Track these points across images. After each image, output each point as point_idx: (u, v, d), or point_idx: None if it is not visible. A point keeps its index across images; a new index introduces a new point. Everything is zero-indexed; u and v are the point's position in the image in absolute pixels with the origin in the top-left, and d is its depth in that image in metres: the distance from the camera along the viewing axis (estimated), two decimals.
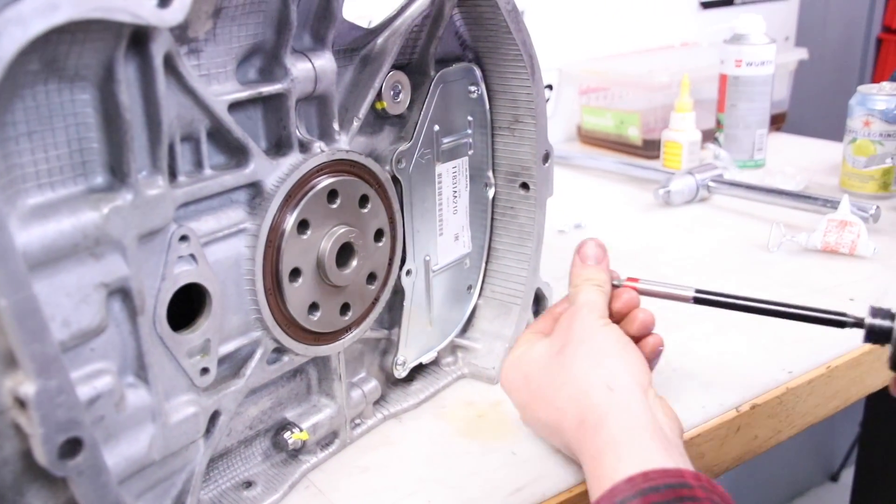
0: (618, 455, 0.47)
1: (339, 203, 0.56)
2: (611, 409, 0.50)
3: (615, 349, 0.55)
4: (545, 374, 0.56)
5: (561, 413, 0.54)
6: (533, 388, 0.57)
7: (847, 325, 0.55)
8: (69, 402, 0.39)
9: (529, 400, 0.58)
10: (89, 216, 0.42)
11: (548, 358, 0.57)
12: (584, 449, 0.50)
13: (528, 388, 0.58)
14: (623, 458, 0.47)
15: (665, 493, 0.42)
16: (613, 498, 0.43)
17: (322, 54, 0.54)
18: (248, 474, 0.58)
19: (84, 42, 0.39)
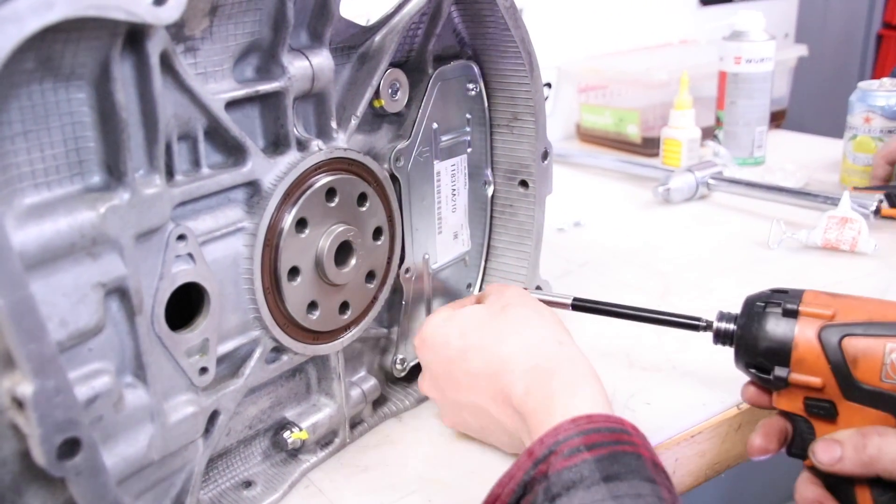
0: (572, 395, 0.49)
1: (337, 201, 0.56)
2: (562, 359, 0.53)
3: (552, 315, 0.59)
4: (487, 328, 0.57)
5: (504, 361, 0.54)
6: (470, 340, 0.57)
7: (700, 329, 0.59)
8: (67, 402, 0.38)
9: (463, 351, 0.57)
10: (86, 216, 0.41)
11: (489, 315, 0.58)
12: (534, 393, 0.51)
13: (463, 339, 0.57)
14: (576, 398, 0.48)
15: (606, 435, 0.44)
16: (557, 435, 0.44)
17: (319, 52, 0.53)
18: (247, 474, 0.58)
19: (79, 40, 0.39)
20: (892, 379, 0.48)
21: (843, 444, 0.50)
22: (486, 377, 0.55)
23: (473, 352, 0.56)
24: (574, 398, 0.48)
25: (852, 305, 0.51)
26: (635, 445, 0.44)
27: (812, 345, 0.51)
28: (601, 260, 0.96)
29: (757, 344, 0.53)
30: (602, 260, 0.96)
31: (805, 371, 0.51)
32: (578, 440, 0.43)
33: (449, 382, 0.58)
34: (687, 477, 0.64)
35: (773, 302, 0.53)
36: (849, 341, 0.50)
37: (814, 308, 0.51)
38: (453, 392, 0.58)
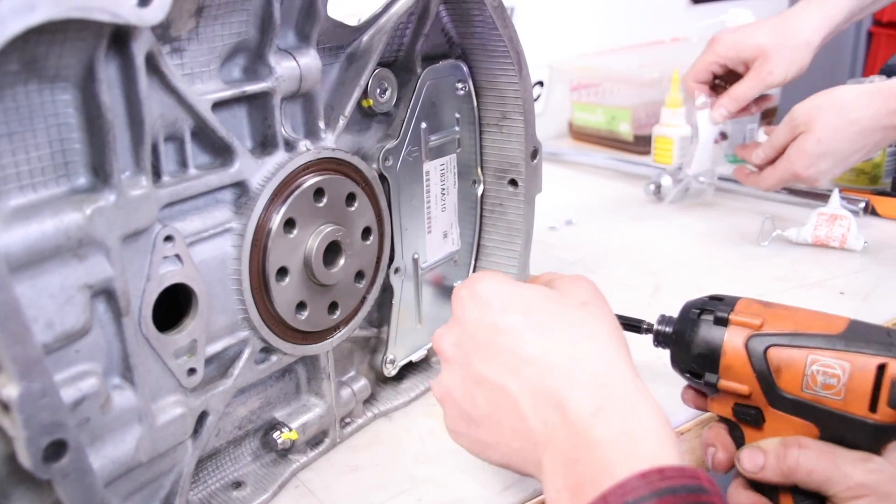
0: (647, 437, 0.40)
1: (325, 201, 0.56)
2: (640, 392, 0.42)
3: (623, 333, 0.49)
4: (559, 317, 0.47)
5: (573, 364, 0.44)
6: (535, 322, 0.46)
7: (643, 331, 0.60)
8: (53, 404, 0.38)
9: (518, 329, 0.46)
10: (72, 217, 0.41)
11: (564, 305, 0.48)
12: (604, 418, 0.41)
13: (524, 317, 0.47)
14: (651, 442, 0.40)
15: (684, 497, 0.37)
16: (625, 495, 0.37)
17: (307, 52, 0.53)
18: (237, 474, 0.58)
19: (63, 42, 0.39)
20: (812, 389, 0.50)
21: (767, 453, 0.51)
22: (537, 367, 0.44)
23: (534, 334, 0.46)
24: (649, 442, 0.40)
25: (781, 315, 0.52)
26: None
27: (739, 353, 0.52)
28: (592, 258, 0.97)
29: (690, 349, 0.54)
30: (593, 258, 0.97)
31: (733, 378, 0.52)
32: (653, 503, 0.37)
33: (482, 350, 0.47)
34: None
35: (707, 309, 0.54)
36: (773, 351, 0.51)
37: (744, 317, 0.53)
38: (481, 362, 0.47)
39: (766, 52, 0.94)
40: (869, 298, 0.82)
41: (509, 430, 0.45)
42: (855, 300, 0.82)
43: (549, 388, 0.43)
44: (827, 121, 0.87)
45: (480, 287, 0.49)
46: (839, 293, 0.84)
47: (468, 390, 0.47)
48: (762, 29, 0.96)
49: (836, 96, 0.88)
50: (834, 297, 0.83)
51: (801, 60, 0.95)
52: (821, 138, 0.87)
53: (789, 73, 0.95)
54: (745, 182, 0.99)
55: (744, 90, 0.96)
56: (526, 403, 0.44)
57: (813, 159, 0.88)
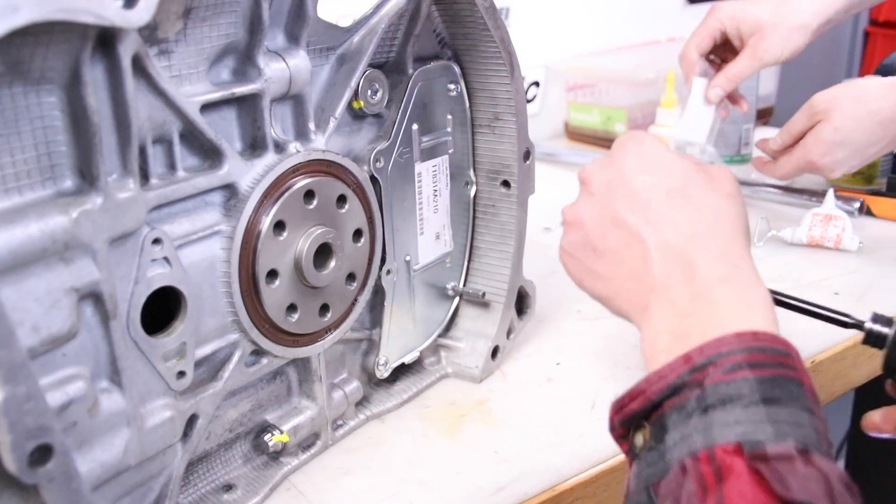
0: (752, 306, 0.44)
1: (315, 203, 0.55)
2: (756, 272, 0.46)
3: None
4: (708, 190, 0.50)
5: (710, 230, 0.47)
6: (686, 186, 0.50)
7: (849, 326, 0.57)
8: (38, 408, 0.38)
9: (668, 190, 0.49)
10: (58, 220, 0.41)
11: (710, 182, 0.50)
12: (728, 283, 0.45)
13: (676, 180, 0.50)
14: (756, 312, 0.43)
15: (770, 356, 0.41)
16: (720, 347, 0.41)
17: (296, 54, 0.53)
18: (228, 477, 0.58)
19: (49, 44, 0.39)
20: None
21: None
22: (678, 230, 0.48)
23: (683, 202, 0.49)
24: (754, 311, 0.44)
25: None
26: (797, 371, 0.41)
27: None
28: None
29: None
30: None
31: None
32: (741, 357, 0.41)
33: (630, 197, 0.50)
34: None
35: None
36: None
37: None
38: (625, 206, 0.50)
39: (763, 29, 0.94)
40: (864, 299, 0.82)
41: (628, 269, 0.49)
42: (850, 301, 0.82)
43: (681, 248, 0.47)
44: (846, 109, 0.87)
45: (648, 147, 0.52)
46: (834, 293, 0.84)
47: (602, 224, 0.51)
48: (762, 5, 0.95)
49: (858, 86, 0.88)
50: (829, 298, 0.83)
51: (797, 41, 0.94)
52: (838, 127, 0.87)
53: (784, 52, 0.94)
54: (761, 170, 0.99)
55: (739, 69, 0.95)
56: (655, 253, 0.48)
57: (829, 147, 0.88)
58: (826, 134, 0.89)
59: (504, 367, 0.73)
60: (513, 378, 0.72)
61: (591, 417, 0.66)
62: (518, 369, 0.73)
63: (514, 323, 0.74)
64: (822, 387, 0.74)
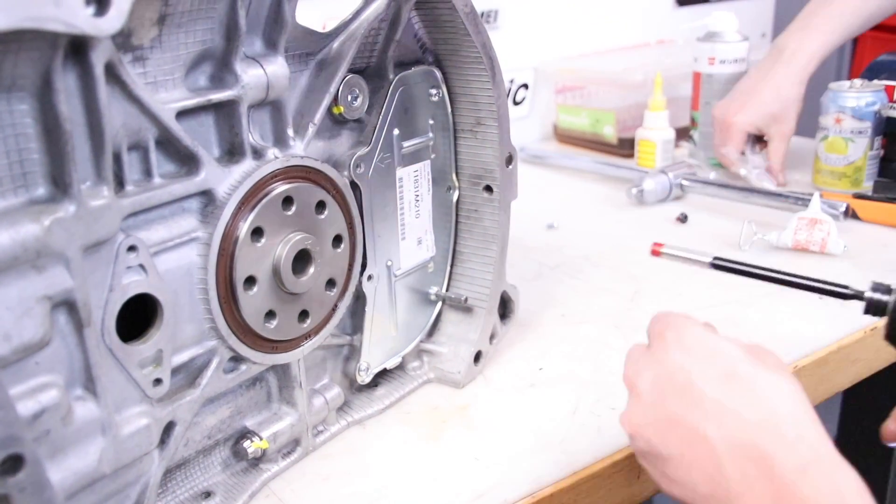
0: (844, 496, 0.41)
1: (294, 209, 0.55)
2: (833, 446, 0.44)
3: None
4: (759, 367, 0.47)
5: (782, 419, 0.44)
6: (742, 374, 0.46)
7: (847, 297, 0.57)
8: (8, 418, 0.38)
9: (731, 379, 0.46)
10: (29, 228, 0.41)
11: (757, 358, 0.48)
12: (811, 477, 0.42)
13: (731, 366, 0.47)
14: (842, 493, 0.41)
15: None
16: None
17: (274, 60, 0.53)
18: (206, 484, 0.57)
19: (18, 52, 0.38)
20: None
21: None
22: (740, 420, 0.44)
23: (737, 387, 0.45)
24: (849, 500, 0.41)
25: None
26: None
27: None
28: (573, 262, 0.96)
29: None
30: (574, 262, 0.96)
31: None
32: None
33: (680, 394, 0.47)
34: None
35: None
36: None
37: None
38: (678, 404, 0.47)
39: (778, 118, 1.15)
40: (848, 303, 0.82)
41: (701, 474, 0.45)
42: (834, 304, 0.82)
43: (750, 441, 0.43)
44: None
45: (687, 333, 0.50)
46: (818, 298, 0.84)
47: (660, 430, 0.47)
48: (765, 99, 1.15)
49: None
50: (812, 303, 0.83)
51: (799, 108, 1.16)
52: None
53: (796, 121, 1.16)
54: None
55: (780, 151, 1.17)
56: (724, 452, 0.44)
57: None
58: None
59: (487, 371, 0.73)
60: (495, 383, 0.72)
61: (572, 423, 0.66)
62: (501, 374, 0.73)
63: (497, 328, 0.74)
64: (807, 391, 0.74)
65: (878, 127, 1.08)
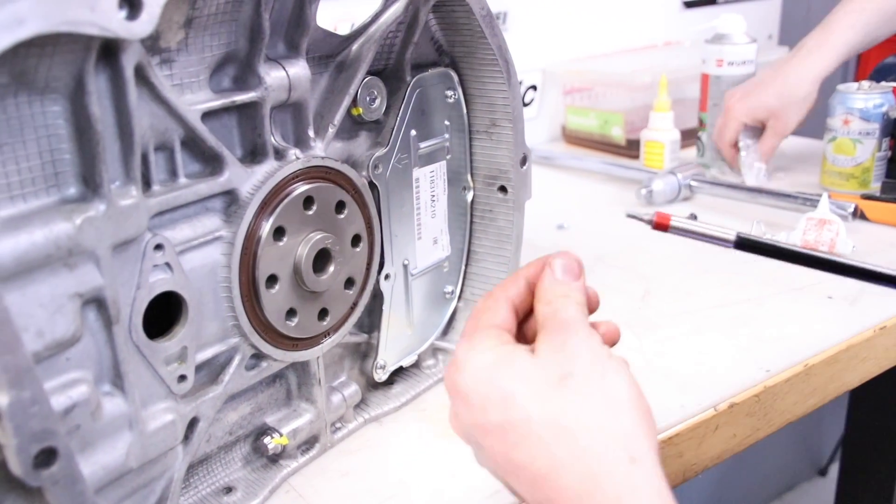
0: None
1: (315, 209, 0.56)
2: (630, 490, 0.39)
3: (632, 399, 0.42)
4: (539, 406, 0.42)
5: (554, 469, 0.40)
6: (516, 418, 0.42)
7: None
8: (43, 412, 0.39)
9: (504, 428, 0.42)
10: (62, 227, 0.42)
11: (544, 385, 0.42)
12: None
13: (505, 412, 0.42)
14: None
15: None
16: None
17: (296, 62, 0.54)
18: (228, 480, 0.58)
19: (53, 55, 0.39)
20: None
21: None
22: (529, 477, 0.42)
23: (515, 436, 0.42)
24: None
25: None
26: None
27: None
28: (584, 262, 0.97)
29: None
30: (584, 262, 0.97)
31: None
32: None
33: (483, 451, 0.45)
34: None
35: None
36: None
37: None
38: (486, 457, 0.45)
39: (776, 113, 1.14)
40: (857, 303, 0.83)
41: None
42: (843, 305, 0.83)
43: (538, 499, 0.41)
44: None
45: (459, 377, 0.45)
46: (827, 297, 0.85)
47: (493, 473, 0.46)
48: (768, 92, 1.15)
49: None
50: (822, 302, 0.84)
51: (805, 108, 1.14)
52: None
53: (798, 120, 1.15)
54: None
55: (769, 145, 1.17)
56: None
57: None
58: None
59: None
60: None
61: None
62: None
63: None
64: (816, 390, 0.75)
65: (886, 128, 1.09)
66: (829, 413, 2.03)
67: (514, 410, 0.42)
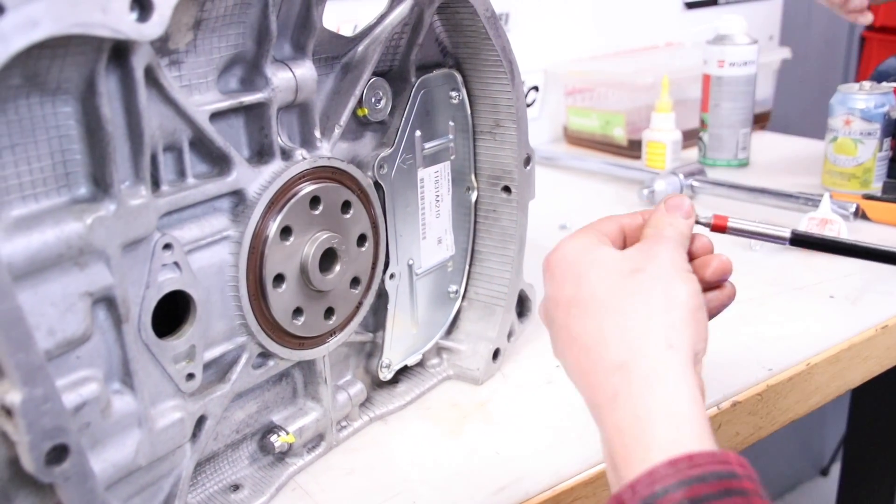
0: (664, 424, 0.40)
1: (321, 209, 0.57)
2: (665, 369, 0.42)
3: (688, 305, 0.46)
4: (605, 287, 0.47)
5: (602, 341, 0.45)
6: (584, 293, 0.47)
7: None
8: (55, 409, 0.39)
9: (572, 301, 0.48)
10: (73, 227, 0.42)
11: (615, 271, 0.47)
12: (620, 399, 0.43)
13: (577, 287, 0.48)
14: (669, 429, 0.40)
15: (713, 485, 0.37)
16: (653, 484, 0.37)
17: (303, 63, 0.54)
18: (235, 477, 0.59)
19: (65, 56, 0.40)
20: None
21: None
22: (582, 347, 0.46)
23: (579, 309, 0.47)
24: (667, 428, 0.40)
25: None
26: (746, 495, 0.37)
27: None
28: None
29: None
30: None
31: None
32: (681, 493, 0.36)
33: (553, 327, 0.50)
34: None
35: None
36: None
37: None
38: (555, 340, 0.50)
39: None
40: (858, 302, 0.84)
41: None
42: (844, 304, 0.84)
43: (589, 367, 0.46)
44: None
45: (553, 256, 0.51)
46: (829, 297, 0.85)
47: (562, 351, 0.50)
48: None
49: None
50: (824, 301, 0.84)
51: None
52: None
53: None
54: None
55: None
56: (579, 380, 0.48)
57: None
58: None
59: (505, 369, 0.75)
60: (513, 380, 0.73)
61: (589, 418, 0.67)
62: (519, 371, 0.74)
63: (515, 326, 0.75)
64: (818, 389, 0.76)
65: (887, 129, 1.09)
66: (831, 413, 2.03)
67: (584, 287, 0.47)
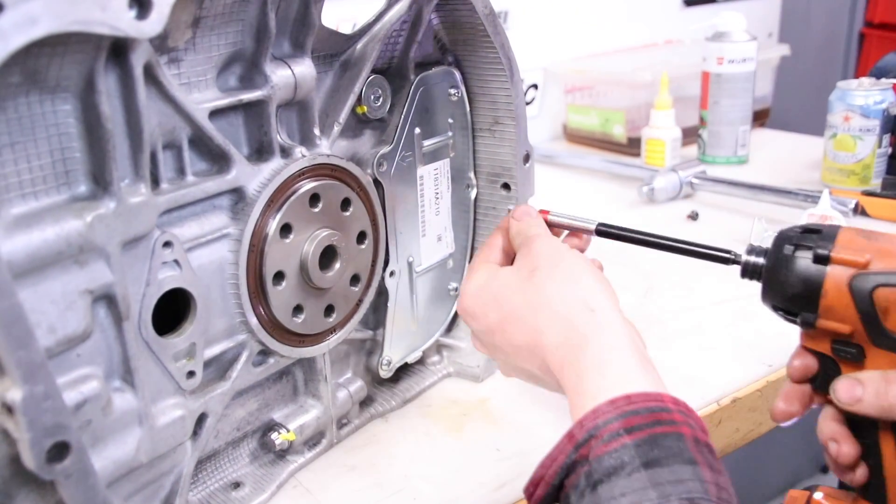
0: (602, 374, 0.47)
1: (321, 207, 0.57)
2: (593, 329, 0.50)
3: (585, 271, 0.54)
4: (519, 296, 0.54)
5: (539, 333, 0.52)
6: (506, 311, 0.54)
7: (730, 262, 0.57)
8: (56, 407, 0.39)
9: (501, 322, 0.55)
10: (73, 224, 0.42)
11: (519, 282, 0.55)
12: (567, 368, 0.49)
13: (499, 310, 0.55)
14: (607, 378, 0.46)
15: (645, 417, 0.43)
16: (596, 418, 0.43)
17: (302, 61, 0.54)
18: (236, 475, 0.59)
19: (64, 54, 0.40)
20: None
21: (865, 386, 0.48)
22: (527, 349, 0.53)
23: (509, 324, 0.54)
24: (605, 377, 0.46)
25: (889, 252, 0.48)
26: (675, 424, 0.43)
27: (842, 294, 0.47)
28: None
29: (784, 288, 0.50)
30: None
31: (833, 318, 0.48)
32: (617, 424, 0.42)
33: (496, 350, 0.57)
34: None
35: (803, 245, 0.49)
36: (882, 292, 0.46)
37: (847, 254, 0.47)
38: (502, 357, 0.57)
39: None
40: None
41: (550, 387, 0.55)
42: None
43: (540, 361, 0.52)
44: None
45: (463, 303, 0.58)
46: None
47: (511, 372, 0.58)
48: None
49: None
50: None
51: None
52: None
53: None
54: None
55: None
56: (541, 376, 0.54)
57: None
58: None
59: None
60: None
61: None
62: None
63: None
64: None
65: (887, 125, 1.09)
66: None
67: (504, 305, 0.55)
